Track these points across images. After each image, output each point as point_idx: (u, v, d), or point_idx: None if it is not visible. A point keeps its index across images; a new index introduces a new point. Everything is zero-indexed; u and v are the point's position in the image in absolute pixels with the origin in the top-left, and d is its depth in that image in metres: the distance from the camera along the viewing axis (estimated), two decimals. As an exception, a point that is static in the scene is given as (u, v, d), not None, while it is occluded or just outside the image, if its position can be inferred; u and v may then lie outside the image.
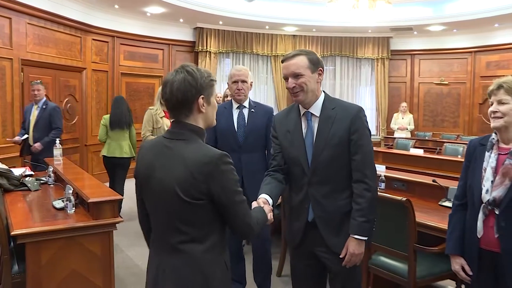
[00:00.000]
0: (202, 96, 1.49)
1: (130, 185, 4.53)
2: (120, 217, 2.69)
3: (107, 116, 5.22)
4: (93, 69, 7.38)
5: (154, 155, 1.51)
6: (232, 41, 9.56)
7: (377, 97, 10.22)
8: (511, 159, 1.77)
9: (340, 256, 1.95)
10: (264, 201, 1.87)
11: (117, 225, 2.63)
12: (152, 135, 4.34)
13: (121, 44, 7.96)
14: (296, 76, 1.93)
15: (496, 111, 1.80)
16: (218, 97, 8.65)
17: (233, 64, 9.79)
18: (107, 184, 6.60)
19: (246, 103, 3.03)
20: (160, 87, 4.56)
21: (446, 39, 9.57)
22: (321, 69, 1.98)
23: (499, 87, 1.80)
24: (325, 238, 1.98)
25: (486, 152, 1.86)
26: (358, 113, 1.95)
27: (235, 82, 2.97)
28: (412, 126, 8.89)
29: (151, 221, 1.58)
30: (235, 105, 3.04)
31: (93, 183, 3.25)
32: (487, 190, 1.80)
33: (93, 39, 7.34)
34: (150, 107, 4.62)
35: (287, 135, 2.04)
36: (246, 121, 3.00)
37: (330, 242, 1.98)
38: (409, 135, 8.67)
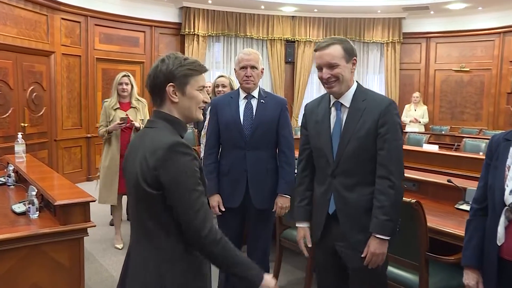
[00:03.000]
0: (171, 84, 1.59)
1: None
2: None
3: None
4: (63, 53, 7.32)
5: (132, 144, 1.70)
6: (223, 23, 9.54)
7: (387, 87, 10.22)
8: None
9: (362, 256, 2.08)
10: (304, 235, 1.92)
11: (90, 231, 2.62)
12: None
13: (96, 25, 7.91)
14: (331, 66, 2.08)
15: None
16: (207, 86, 8.64)
17: (223, 49, 9.78)
18: (84, 184, 6.61)
19: (255, 93, 2.96)
20: (117, 75, 4.50)
21: (468, 19, 9.51)
22: (355, 58, 2.14)
23: None
24: (345, 232, 2.12)
25: (511, 148, 1.83)
26: (388, 106, 2.09)
27: (244, 68, 2.89)
28: (426, 119, 8.89)
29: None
30: (242, 95, 2.96)
31: (63, 183, 3.22)
32: (510, 191, 1.77)
33: (62, 18, 7.27)
34: (106, 99, 4.60)
35: (315, 126, 2.23)
36: (254, 113, 2.92)
37: (351, 238, 2.12)
38: (422, 129, 8.68)
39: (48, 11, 6.99)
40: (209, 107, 3.29)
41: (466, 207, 2.98)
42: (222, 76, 4.46)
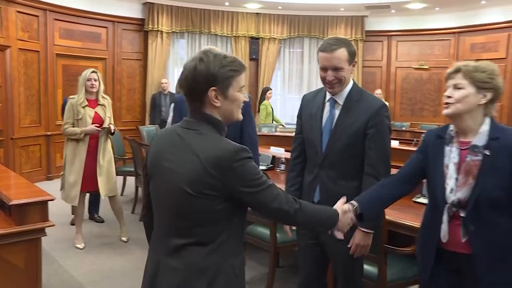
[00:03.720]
0: (213, 88, 1.48)
1: (59, 184, 4.43)
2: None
3: None
4: (20, 48, 7.04)
5: (164, 144, 1.56)
6: (187, 19, 9.46)
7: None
8: (473, 155, 1.79)
9: (348, 246, 2.18)
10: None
11: (49, 231, 2.55)
12: (72, 127, 4.23)
13: (56, 19, 7.67)
14: (337, 69, 2.17)
15: (450, 96, 1.82)
16: (164, 83, 8.52)
17: (188, 46, 9.70)
18: (44, 184, 6.43)
19: None
20: (85, 71, 4.40)
21: (427, 19, 9.80)
22: (356, 60, 2.25)
23: (457, 70, 1.83)
24: None
25: (446, 146, 1.88)
26: (380, 109, 2.21)
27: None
28: (388, 116, 9.06)
29: (154, 216, 1.62)
30: None
31: (20, 182, 3.12)
32: (451, 190, 1.83)
33: (18, 11, 6.99)
34: (71, 96, 4.45)
35: (309, 118, 2.36)
36: None
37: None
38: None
39: (2, 3, 6.70)
40: (172, 104, 3.26)
41: (423, 200, 3.08)
42: None
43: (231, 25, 9.84)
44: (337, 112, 2.27)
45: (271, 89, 9.04)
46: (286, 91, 10.60)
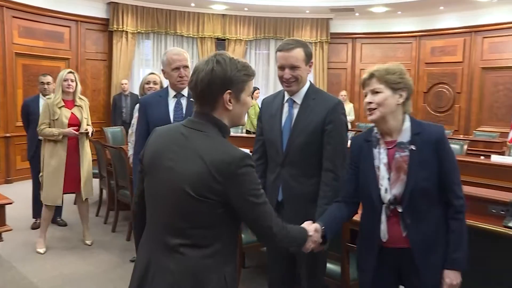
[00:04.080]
0: (229, 91, 1.49)
1: (20, 187, 4.30)
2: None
3: None
4: (-26, 47, 6.82)
5: (166, 142, 1.53)
6: (153, 20, 9.38)
7: (315, 85, 10.42)
8: (400, 152, 1.88)
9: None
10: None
11: (6, 236, 2.49)
12: (49, 128, 4.19)
13: (14, 17, 7.44)
14: (294, 68, 2.27)
15: (371, 102, 1.89)
16: (124, 83, 8.34)
17: (154, 47, 9.62)
18: (3, 187, 6.23)
19: (185, 91, 3.02)
20: (61, 72, 4.36)
21: (390, 22, 10.06)
22: (312, 61, 2.36)
23: (371, 76, 1.91)
24: (291, 219, 2.17)
25: (374, 148, 1.95)
26: (335, 106, 2.30)
27: (177, 68, 2.95)
28: (352, 117, 9.25)
29: (147, 215, 1.59)
30: (171, 94, 3.01)
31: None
32: (386, 189, 1.89)
33: (-28, 8, 6.76)
34: (48, 96, 4.43)
35: (269, 119, 2.44)
36: (184, 112, 2.99)
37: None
38: (349, 126, 8.97)
39: (-46, -1, 6.45)
40: (137, 105, 3.23)
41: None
42: (153, 73, 4.44)
43: (197, 26, 9.80)
44: (295, 112, 2.35)
45: (258, 89, 9.06)
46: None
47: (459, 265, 1.85)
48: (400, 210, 1.88)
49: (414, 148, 1.86)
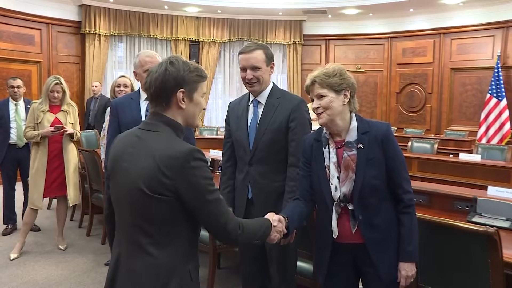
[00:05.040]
0: (182, 89, 1.55)
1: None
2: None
3: None
4: None
5: (124, 145, 1.59)
6: (126, 23, 9.33)
7: (290, 86, 10.57)
8: (348, 151, 1.94)
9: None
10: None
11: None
12: (33, 131, 4.21)
13: (-18, 20, 7.31)
14: (255, 68, 2.39)
15: (318, 107, 1.96)
16: (94, 86, 8.27)
17: (127, 49, 9.56)
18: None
19: None
20: (48, 79, 4.35)
21: (362, 24, 10.22)
22: (273, 63, 2.48)
23: (313, 82, 1.99)
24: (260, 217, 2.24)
25: (324, 148, 2.02)
26: (299, 104, 2.43)
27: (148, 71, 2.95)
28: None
29: (115, 217, 1.62)
30: (143, 96, 3.02)
31: None
32: (335, 188, 1.96)
33: None
34: (34, 101, 4.48)
35: (236, 121, 2.53)
36: None
37: None
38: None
39: None
40: (109, 108, 3.22)
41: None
42: (123, 76, 4.44)
43: (170, 29, 9.79)
44: (260, 111, 2.46)
45: None
46: (227, 95, 10.62)
47: (414, 257, 1.94)
48: (350, 207, 1.94)
49: (361, 147, 1.93)
